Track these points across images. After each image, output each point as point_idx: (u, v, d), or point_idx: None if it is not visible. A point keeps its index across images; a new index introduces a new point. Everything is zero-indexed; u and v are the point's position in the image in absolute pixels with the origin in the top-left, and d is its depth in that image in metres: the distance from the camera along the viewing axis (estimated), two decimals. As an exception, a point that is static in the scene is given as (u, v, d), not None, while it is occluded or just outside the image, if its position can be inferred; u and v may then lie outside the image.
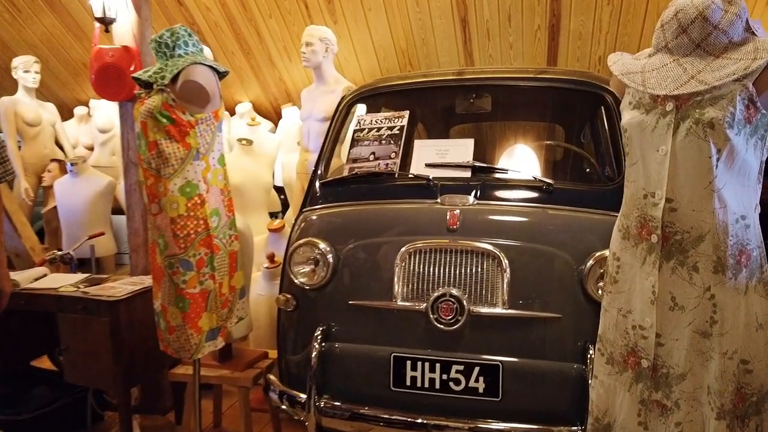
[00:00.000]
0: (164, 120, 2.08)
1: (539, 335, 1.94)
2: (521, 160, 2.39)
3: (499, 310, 1.94)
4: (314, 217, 2.30)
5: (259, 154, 3.82)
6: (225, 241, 2.27)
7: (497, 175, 2.23)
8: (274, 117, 4.85)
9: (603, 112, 2.38)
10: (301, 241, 2.18)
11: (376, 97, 2.65)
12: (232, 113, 4.83)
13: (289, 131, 4.43)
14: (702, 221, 1.39)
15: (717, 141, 1.35)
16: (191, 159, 2.14)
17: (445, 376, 1.95)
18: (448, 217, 2.07)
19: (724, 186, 1.37)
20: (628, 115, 1.52)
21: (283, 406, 2.15)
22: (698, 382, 1.42)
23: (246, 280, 2.60)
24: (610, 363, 1.58)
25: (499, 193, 2.17)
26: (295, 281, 2.17)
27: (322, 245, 2.14)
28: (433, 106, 2.91)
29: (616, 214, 2.00)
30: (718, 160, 1.36)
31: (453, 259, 2.00)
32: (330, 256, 2.13)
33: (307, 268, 2.16)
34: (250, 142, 3.75)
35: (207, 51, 3.93)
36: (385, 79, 2.71)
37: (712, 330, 1.39)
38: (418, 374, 1.97)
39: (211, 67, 2.17)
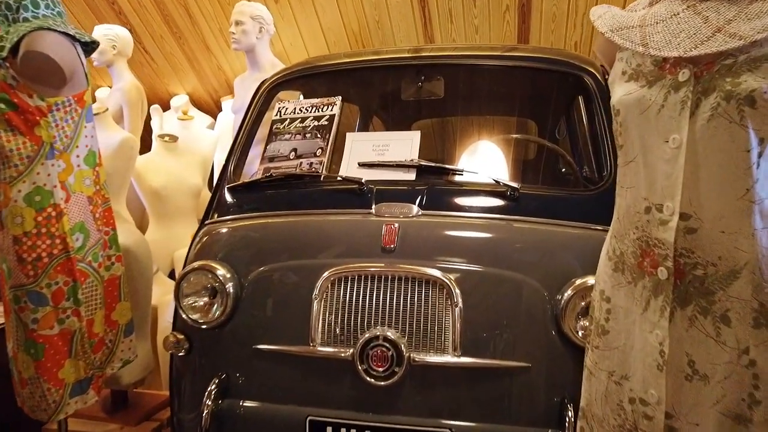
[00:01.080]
0: (2, 105, 1.55)
1: (502, 391, 1.46)
2: (481, 158, 1.90)
3: (448, 358, 1.45)
4: (215, 233, 1.78)
5: (186, 152, 3.28)
6: (97, 265, 1.74)
7: (449, 178, 1.74)
8: (215, 111, 4.31)
9: (582, 97, 1.92)
10: (194, 265, 1.67)
11: (304, 81, 2.14)
12: (167, 107, 4.27)
13: (228, 127, 3.89)
14: (735, 249, 0.91)
15: (760, 126, 0.88)
16: (43, 158, 1.61)
17: (377, 448, 1.46)
18: (383, 233, 1.58)
19: (771, 195, 0.90)
20: (621, 90, 1.04)
21: None
22: (730, 490, 0.95)
23: (141, 310, 2.07)
24: (599, 448, 1.10)
25: (452, 201, 1.67)
26: (187, 317, 1.65)
27: (221, 271, 1.63)
28: (374, 91, 2.41)
29: (600, 228, 1.54)
30: (760, 155, 0.89)
31: (389, 290, 1.50)
32: (231, 285, 1.62)
33: (201, 301, 1.65)
34: (173, 138, 3.21)
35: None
36: (318, 59, 2.20)
37: (752, 413, 0.92)
38: (341, 445, 1.48)
39: (68, 35, 1.63)
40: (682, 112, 0.93)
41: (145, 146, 3.36)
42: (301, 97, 2.30)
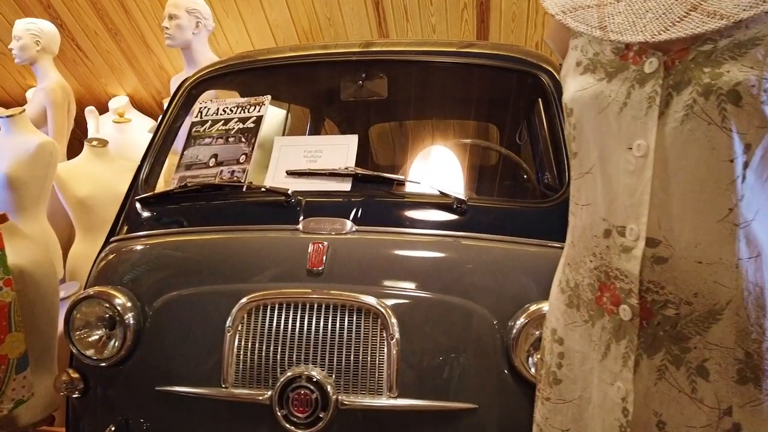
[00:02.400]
0: None
1: (444, 438, 1.26)
2: (430, 166, 1.70)
3: (382, 400, 1.24)
4: (119, 253, 1.54)
5: (118, 158, 3.00)
6: (-24, 292, 1.48)
7: (390, 189, 1.53)
8: (158, 113, 4.02)
9: (541, 98, 1.74)
10: (89, 293, 1.42)
11: (230, 79, 1.91)
12: (105, 109, 3.97)
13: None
14: (715, 283, 0.72)
15: (745, 129, 0.69)
16: None
17: None
18: (309, 253, 1.36)
19: (757, 216, 0.72)
20: (575, 85, 0.85)
21: None
22: None
23: (41, 340, 1.81)
24: None
25: (391, 215, 1.46)
26: (79, 354, 1.40)
27: (120, 299, 1.39)
28: (310, 91, 2.20)
29: (559, 246, 1.35)
30: (745, 166, 0.70)
31: (314, 320, 1.29)
32: (131, 316, 1.38)
33: (96, 335, 1.40)
34: (103, 143, 2.93)
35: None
36: (249, 53, 1.97)
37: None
38: (257, 506, 1.25)
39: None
40: (649, 112, 0.74)
41: (75, 153, 3.07)
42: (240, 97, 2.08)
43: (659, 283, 0.75)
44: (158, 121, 1.84)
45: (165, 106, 3.66)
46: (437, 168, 1.66)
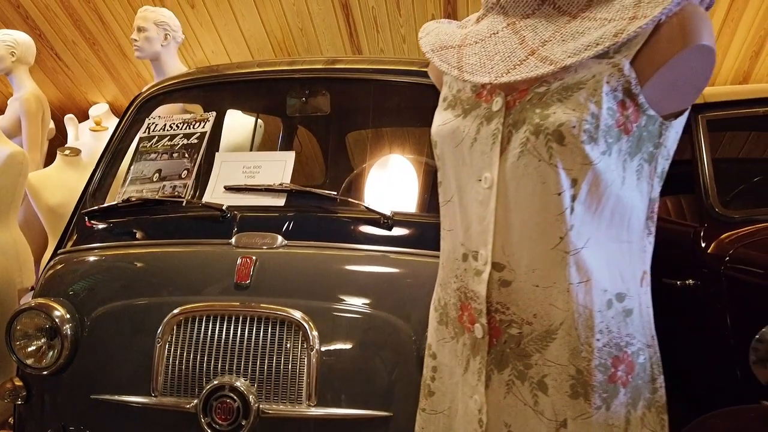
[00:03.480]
0: None
1: (359, 444, 1.32)
2: (364, 181, 1.76)
3: (302, 408, 1.30)
4: (62, 266, 1.60)
5: (90, 166, 3.05)
6: None
7: (321, 204, 1.59)
8: (138, 121, 4.09)
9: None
10: (30, 304, 1.48)
11: (183, 94, 1.98)
12: (85, 116, 4.04)
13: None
14: (551, 305, 0.79)
15: (570, 165, 0.75)
16: None
17: None
18: (237, 267, 1.42)
19: (587, 245, 0.78)
20: (438, 120, 0.91)
21: None
22: None
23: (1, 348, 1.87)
24: None
25: (321, 230, 1.53)
26: (22, 362, 1.47)
27: (59, 311, 1.45)
28: (258, 105, 2.26)
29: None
30: (573, 198, 0.76)
31: (240, 331, 1.35)
32: (69, 327, 1.44)
33: (35, 345, 1.47)
34: (75, 152, 3.00)
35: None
36: (202, 69, 2.04)
37: (572, 497, 0.80)
38: None
39: None
40: (493, 147, 0.81)
41: (52, 160, 3.14)
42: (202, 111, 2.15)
43: (505, 304, 0.81)
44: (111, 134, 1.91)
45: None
46: (370, 183, 1.72)
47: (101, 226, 1.68)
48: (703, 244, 1.87)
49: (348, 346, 1.35)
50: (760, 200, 2.04)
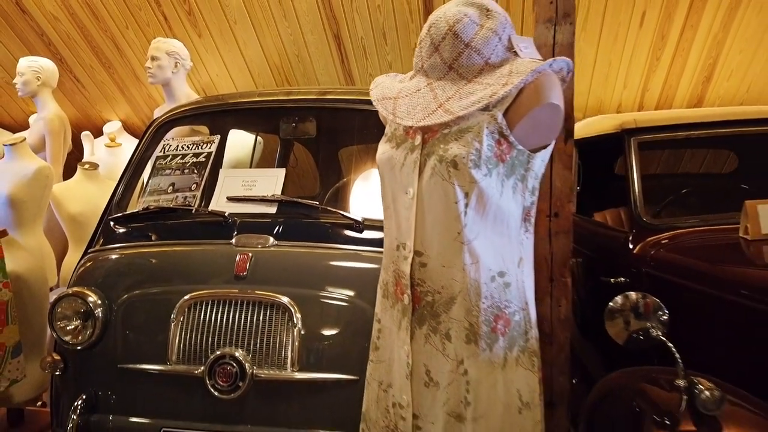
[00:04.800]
0: None
1: (334, 402, 1.65)
2: (341, 193, 2.12)
3: (287, 373, 1.64)
4: (94, 262, 1.95)
5: (108, 179, 3.42)
6: (-19, 292, 1.89)
7: (305, 212, 1.94)
8: (148, 137, 4.46)
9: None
10: (67, 292, 1.83)
11: (192, 120, 2.33)
12: (100, 133, 4.40)
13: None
14: (452, 280, 1.13)
15: (463, 183, 1.10)
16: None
17: (222, 456, 1.63)
18: (237, 262, 1.77)
19: (476, 237, 1.13)
20: (380, 150, 1.26)
21: None
22: (456, 478, 1.16)
23: (33, 332, 2.22)
24: (374, 449, 1.30)
25: (305, 232, 1.87)
26: (60, 339, 1.81)
27: (92, 297, 1.79)
28: (256, 128, 2.62)
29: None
30: (466, 206, 1.11)
31: (238, 312, 1.70)
32: (100, 311, 1.79)
33: (74, 325, 1.81)
34: (94, 166, 3.35)
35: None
36: (208, 98, 2.41)
37: (467, 412, 1.14)
38: (190, 454, 1.65)
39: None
40: (414, 170, 1.16)
41: (72, 173, 3.49)
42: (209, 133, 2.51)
43: (423, 280, 1.16)
44: (132, 152, 2.26)
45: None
46: (348, 193, 2.07)
47: (124, 229, 2.02)
48: (631, 248, 2.21)
49: (324, 324, 1.69)
50: (682, 210, 2.38)
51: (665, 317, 1.29)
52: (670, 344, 1.21)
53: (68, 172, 3.61)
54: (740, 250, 1.94)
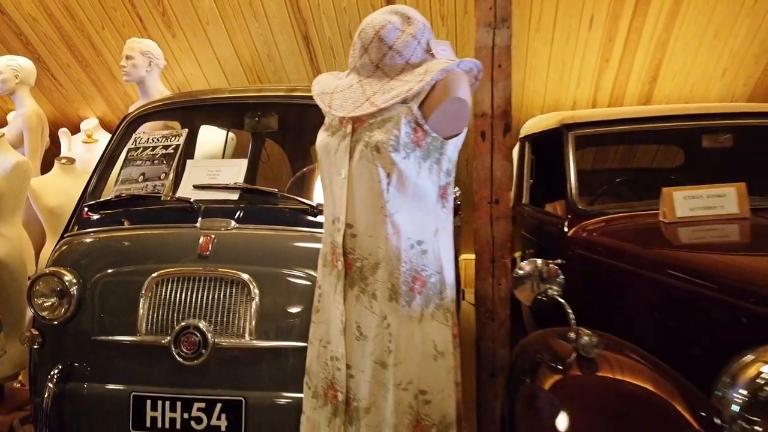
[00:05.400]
0: None
1: (286, 366, 1.83)
2: (298, 181, 2.30)
3: (245, 341, 1.83)
4: (70, 245, 2.11)
5: (84, 174, 3.55)
6: (-38, 273, 2.04)
7: (264, 197, 2.13)
8: (124, 133, 4.60)
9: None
10: (45, 271, 1.99)
11: (161, 115, 2.50)
12: (77, 129, 4.53)
13: (133, 149, 4.18)
14: (377, 247, 1.33)
15: (385, 165, 1.30)
16: None
17: (186, 415, 1.81)
18: (201, 243, 1.95)
19: (398, 211, 1.32)
20: (319, 138, 1.46)
21: None
22: (381, 416, 1.35)
23: (12, 312, 2.37)
24: (315, 397, 1.49)
25: (264, 216, 2.06)
26: (38, 315, 1.97)
27: (68, 276, 1.96)
28: (222, 123, 2.80)
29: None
30: (388, 184, 1.31)
31: (201, 288, 1.87)
32: (74, 288, 1.95)
33: (50, 302, 1.97)
34: (70, 161, 3.49)
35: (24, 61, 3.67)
36: (177, 95, 2.58)
37: (389, 360, 1.33)
38: (158, 414, 1.82)
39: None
40: (346, 154, 1.35)
41: (50, 168, 3.63)
42: (179, 127, 2.69)
43: (353, 248, 1.35)
44: (105, 145, 2.42)
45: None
46: (305, 181, 2.26)
47: (97, 216, 2.19)
48: (567, 232, 2.43)
49: (279, 298, 1.87)
50: (614, 199, 2.61)
51: (562, 280, 1.50)
52: (564, 302, 1.41)
53: (45, 168, 3.74)
54: (657, 231, 2.17)
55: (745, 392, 0.95)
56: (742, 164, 2.82)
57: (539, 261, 1.50)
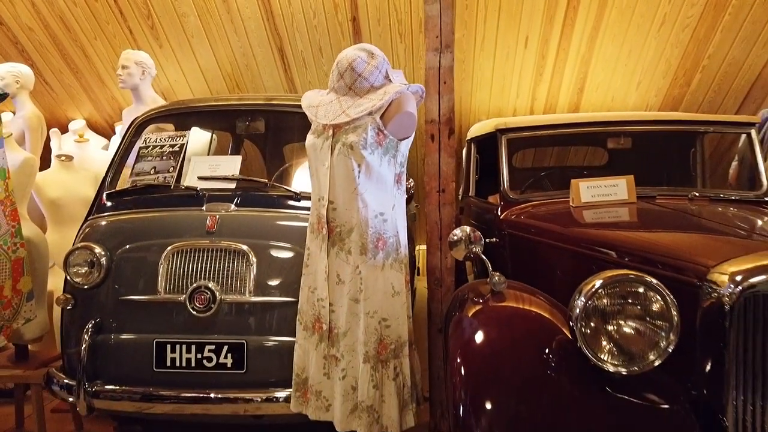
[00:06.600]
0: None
1: (278, 316, 2.35)
2: (284, 173, 2.83)
3: (246, 297, 2.33)
4: (95, 225, 2.58)
5: (81, 169, 3.97)
6: (6, 248, 2.48)
7: (256, 186, 2.65)
8: (110, 133, 4.98)
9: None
10: (78, 245, 2.45)
11: (164, 119, 2.98)
12: (65, 130, 4.90)
13: (120, 148, 4.59)
14: (351, 217, 1.87)
15: (357, 158, 1.84)
16: (-32, 173, 2.34)
17: (199, 356, 2.30)
18: (208, 222, 2.45)
19: (366, 191, 1.87)
20: (308, 139, 1.99)
21: (70, 398, 2.37)
22: (354, 337, 1.90)
23: (39, 284, 2.81)
24: (306, 329, 2.03)
25: (258, 201, 2.58)
26: (73, 281, 2.43)
27: (98, 249, 2.43)
28: (221, 125, 3.30)
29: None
30: (359, 172, 1.85)
31: (210, 257, 2.37)
32: (104, 259, 2.42)
33: (83, 270, 2.43)
34: (69, 158, 3.90)
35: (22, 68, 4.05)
36: (176, 103, 3.06)
37: (360, 297, 1.88)
38: (177, 355, 2.31)
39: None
40: (328, 151, 1.89)
41: (45, 164, 4.02)
42: (174, 129, 3.16)
43: (334, 218, 1.89)
44: (117, 144, 2.88)
45: (116, 129, 4.65)
46: (289, 173, 2.79)
47: (117, 201, 2.66)
48: (499, 215, 3.02)
49: (272, 263, 2.39)
50: (537, 190, 3.22)
51: (483, 242, 2.07)
52: (484, 257, 1.98)
53: (42, 165, 4.12)
54: (567, 213, 2.77)
55: (583, 300, 1.53)
56: (647, 161, 3.48)
57: (468, 228, 2.06)
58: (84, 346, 2.32)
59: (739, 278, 1.49)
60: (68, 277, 2.43)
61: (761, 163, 3.02)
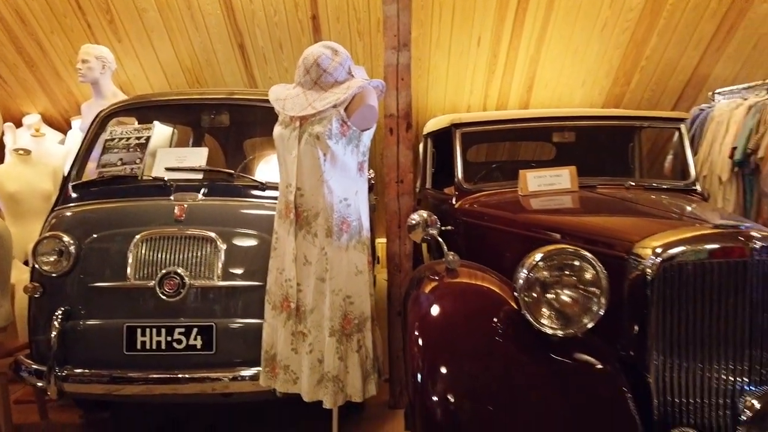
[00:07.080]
0: None
1: (245, 299, 2.46)
2: (249, 164, 2.94)
3: (214, 282, 2.44)
4: (62, 215, 2.63)
5: (38, 163, 3.96)
6: (-29, 239, 2.50)
7: (222, 177, 2.75)
8: (66, 128, 4.94)
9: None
10: (46, 235, 2.50)
11: (128, 112, 3.04)
12: (19, 124, 4.83)
13: (77, 142, 4.56)
14: (317, 202, 2.01)
15: (322, 148, 1.99)
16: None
17: (169, 338, 2.40)
18: (176, 211, 2.54)
19: (331, 178, 2.01)
20: (276, 130, 2.12)
21: (40, 383, 2.42)
22: (321, 314, 2.04)
23: (2, 275, 2.83)
24: (274, 308, 2.16)
25: (224, 190, 2.68)
26: (41, 270, 2.48)
27: (66, 238, 2.48)
28: (183, 119, 3.37)
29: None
30: (325, 161, 2.00)
31: (179, 244, 2.47)
32: (72, 248, 2.48)
33: (52, 258, 2.48)
34: (27, 152, 3.88)
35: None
36: (140, 96, 3.12)
37: (326, 276, 2.02)
38: (147, 338, 2.40)
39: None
40: (296, 141, 2.02)
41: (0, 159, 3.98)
42: (136, 122, 3.21)
43: (301, 204, 2.03)
44: (81, 138, 2.92)
45: (72, 123, 4.63)
46: (254, 164, 2.90)
47: (83, 192, 2.71)
48: (454, 204, 3.21)
49: (239, 249, 2.50)
50: (490, 181, 3.44)
51: (439, 226, 2.24)
52: (441, 240, 2.16)
53: (-3, 159, 4.08)
54: (514, 201, 2.99)
55: (525, 272, 1.72)
56: (590, 154, 3.75)
57: (425, 212, 2.23)
58: (54, 332, 2.38)
59: (659, 250, 1.71)
60: (36, 266, 2.48)
61: (690, 155, 3.32)
